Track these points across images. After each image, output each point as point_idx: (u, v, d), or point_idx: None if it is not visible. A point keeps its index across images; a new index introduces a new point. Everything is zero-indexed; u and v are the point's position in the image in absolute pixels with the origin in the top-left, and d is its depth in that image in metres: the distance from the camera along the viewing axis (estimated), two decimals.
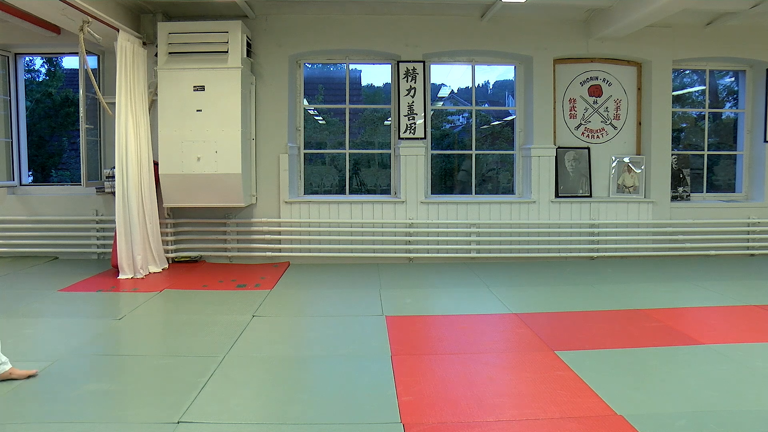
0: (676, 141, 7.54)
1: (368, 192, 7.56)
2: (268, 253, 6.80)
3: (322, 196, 7.23)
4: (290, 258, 6.85)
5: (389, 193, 7.20)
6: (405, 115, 6.85)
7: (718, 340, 3.87)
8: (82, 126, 6.01)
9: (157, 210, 6.21)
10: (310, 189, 7.32)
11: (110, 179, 6.22)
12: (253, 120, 6.68)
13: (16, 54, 7.05)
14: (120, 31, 5.76)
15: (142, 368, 3.40)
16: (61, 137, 9.80)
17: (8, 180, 6.99)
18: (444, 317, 4.56)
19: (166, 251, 6.50)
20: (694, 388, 3.06)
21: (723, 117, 7.94)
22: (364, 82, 7.94)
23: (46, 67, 9.66)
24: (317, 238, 6.80)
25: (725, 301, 5.01)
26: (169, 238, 6.60)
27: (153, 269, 6.11)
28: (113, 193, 6.04)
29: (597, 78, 7.17)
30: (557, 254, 6.96)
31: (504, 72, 7.80)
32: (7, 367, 3.09)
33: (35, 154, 8.98)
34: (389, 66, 7.08)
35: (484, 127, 7.72)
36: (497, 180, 7.72)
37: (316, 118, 7.72)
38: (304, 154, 7.13)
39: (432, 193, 7.20)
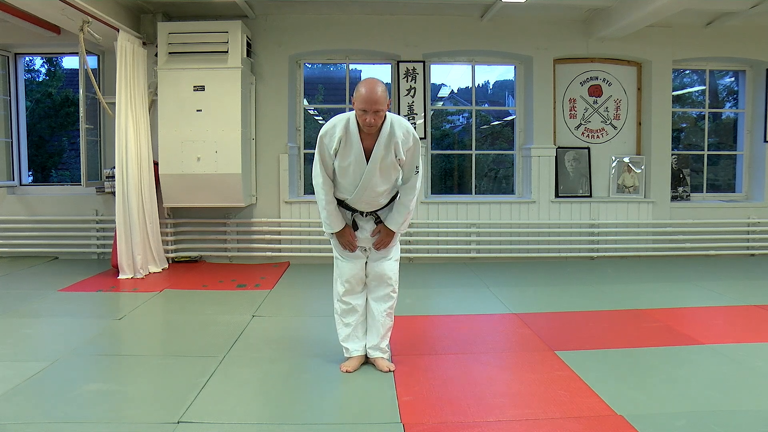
0: (676, 141, 7.54)
1: None
2: (268, 253, 6.80)
3: None
4: (290, 258, 6.85)
5: None
6: (405, 115, 6.84)
7: (718, 340, 3.87)
8: (82, 126, 6.01)
9: (157, 210, 6.21)
10: (311, 189, 7.31)
11: (110, 179, 6.21)
12: (253, 120, 6.68)
13: (16, 54, 7.04)
14: (120, 31, 5.76)
15: (142, 368, 3.40)
16: (61, 137, 9.80)
17: (8, 180, 6.99)
18: (444, 317, 4.56)
19: (166, 251, 6.50)
20: (694, 388, 3.06)
21: (723, 117, 7.94)
22: None
23: (46, 67, 9.67)
24: (317, 238, 6.80)
25: (725, 301, 5.01)
26: (169, 238, 6.60)
27: (153, 269, 6.11)
28: (113, 193, 6.03)
29: (597, 78, 7.16)
30: (557, 254, 6.95)
31: (504, 72, 7.80)
32: None
33: (35, 154, 8.98)
34: (389, 66, 7.07)
35: (484, 127, 7.72)
36: (498, 180, 7.72)
37: (316, 118, 7.72)
38: (304, 154, 7.13)
39: (432, 193, 7.20)
